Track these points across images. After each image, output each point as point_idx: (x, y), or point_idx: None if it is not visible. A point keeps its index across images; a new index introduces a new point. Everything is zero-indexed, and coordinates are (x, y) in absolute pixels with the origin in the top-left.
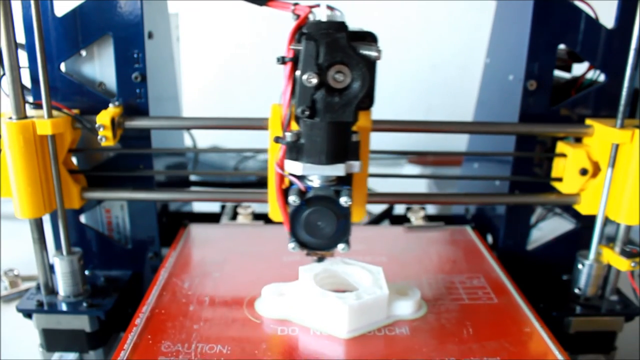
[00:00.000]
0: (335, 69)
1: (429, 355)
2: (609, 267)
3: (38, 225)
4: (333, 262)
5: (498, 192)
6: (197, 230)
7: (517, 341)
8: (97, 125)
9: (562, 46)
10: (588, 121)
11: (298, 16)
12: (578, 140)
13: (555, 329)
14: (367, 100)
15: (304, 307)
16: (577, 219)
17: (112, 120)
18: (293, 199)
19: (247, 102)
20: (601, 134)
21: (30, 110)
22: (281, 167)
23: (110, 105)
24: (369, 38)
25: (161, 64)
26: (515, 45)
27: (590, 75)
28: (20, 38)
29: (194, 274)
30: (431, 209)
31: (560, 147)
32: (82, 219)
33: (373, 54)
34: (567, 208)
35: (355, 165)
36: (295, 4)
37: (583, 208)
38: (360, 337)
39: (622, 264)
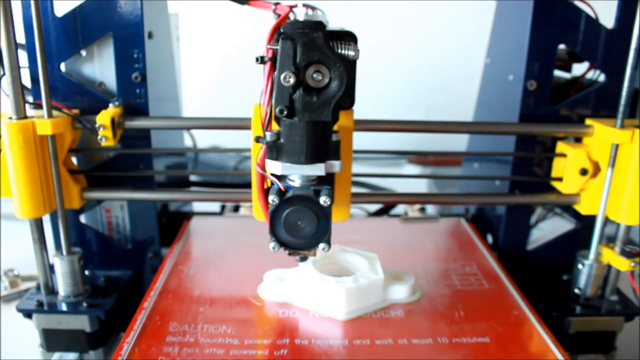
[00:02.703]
0: (313, 68)
1: (423, 336)
2: (609, 267)
3: (38, 225)
4: (332, 250)
5: (498, 192)
6: (200, 222)
7: (505, 322)
8: (97, 125)
9: (562, 46)
10: (588, 121)
11: (279, 15)
12: (578, 140)
13: (555, 329)
14: (347, 99)
15: (303, 291)
16: (577, 219)
17: (112, 120)
18: (272, 198)
19: (247, 102)
20: (601, 134)
21: (30, 110)
22: (262, 166)
23: (110, 105)
24: (347, 37)
25: (161, 64)
26: (515, 45)
27: (590, 75)
28: (20, 38)
29: (199, 263)
30: (431, 209)
31: (560, 147)
32: (82, 219)
33: (351, 53)
34: (567, 208)
35: (336, 165)
36: (277, 4)
37: (583, 208)
38: (357, 318)
39: (622, 264)
